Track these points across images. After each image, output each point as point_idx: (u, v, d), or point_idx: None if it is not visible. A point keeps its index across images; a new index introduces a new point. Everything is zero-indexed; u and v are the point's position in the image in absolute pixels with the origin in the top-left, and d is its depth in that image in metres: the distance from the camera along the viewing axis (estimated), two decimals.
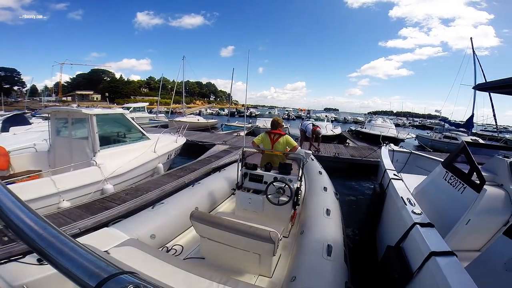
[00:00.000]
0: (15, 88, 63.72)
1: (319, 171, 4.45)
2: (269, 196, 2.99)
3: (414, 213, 2.54)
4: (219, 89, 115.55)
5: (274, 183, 3.04)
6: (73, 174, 4.21)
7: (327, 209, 2.92)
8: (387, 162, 4.58)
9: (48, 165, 4.99)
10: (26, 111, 16.50)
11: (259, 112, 44.38)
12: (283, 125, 4.00)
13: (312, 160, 5.19)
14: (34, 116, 12.79)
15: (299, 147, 5.12)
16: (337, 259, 2.10)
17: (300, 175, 3.23)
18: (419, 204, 2.78)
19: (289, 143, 3.73)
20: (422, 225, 2.31)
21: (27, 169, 4.87)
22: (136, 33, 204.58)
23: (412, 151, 6.14)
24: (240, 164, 3.33)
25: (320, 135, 9.20)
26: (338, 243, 2.34)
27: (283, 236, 2.87)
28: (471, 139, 13.17)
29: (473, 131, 16.83)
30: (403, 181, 3.49)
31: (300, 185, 3.27)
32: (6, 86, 59.28)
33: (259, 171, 3.35)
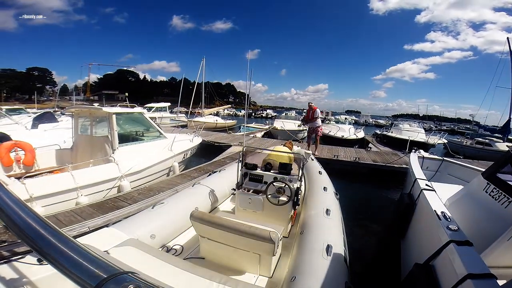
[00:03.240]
0: (47, 87, 67.96)
1: (319, 171, 4.41)
2: (269, 196, 2.98)
3: (450, 229, 2.29)
4: (239, 90, 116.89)
5: (274, 183, 3.04)
6: (91, 170, 4.33)
7: (327, 209, 2.87)
8: (417, 170, 4.27)
9: (71, 162, 5.15)
10: (56, 109, 17.41)
11: (275, 114, 44.09)
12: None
13: (312, 160, 5.16)
14: (63, 114, 13.44)
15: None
16: (337, 259, 2.07)
17: (300, 175, 3.23)
18: (453, 216, 2.54)
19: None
20: (459, 243, 2.08)
21: (51, 165, 5.08)
22: (170, 37, 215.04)
23: (445, 158, 5.71)
24: (240, 164, 3.33)
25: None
26: (338, 243, 2.31)
27: (283, 236, 2.85)
28: (506, 145, 12.19)
29: (510, 137, 15.66)
30: (436, 192, 3.21)
31: (300, 185, 3.26)
32: (39, 85, 63.44)
33: (259, 171, 3.38)
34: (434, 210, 2.65)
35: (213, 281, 1.65)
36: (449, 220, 2.46)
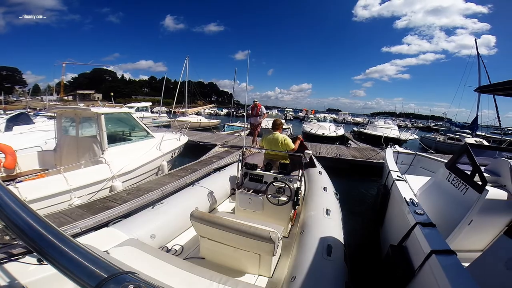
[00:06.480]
0: (17, 87, 63.94)
1: (319, 171, 4.47)
2: (269, 196, 3.00)
3: (416, 213, 2.58)
4: (222, 89, 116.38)
5: (274, 183, 3.06)
6: (83, 171, 4.26)
7: (327, 209, 2.92)
8: (391, 163, 4.62)
9: (54, 163, 5.04)
10: (29, 111, 16.52)
11: None
12: (283, 126, 4.08)
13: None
14: (37, 116, 12.80)
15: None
16: (337, 259, 2.10)
17: (300, 175, 3.25)
18: (422, 205, 2.81)
19: (288, 145, 3.74)
20: (424, 224, 2.36)
21: (33, 168, 4.92)
22: (160, 37, 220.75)
23: (417, 152, 6.14)
24: (240, 164, 3.34)
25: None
26: (338, 243, 2.34)
27: (283, 236, 2.86)
28: (475, 140, 13.16)
29: (482, 133, 16.85)
30: (406, 182, 3.52)
31: (300, 185, 3.27)
32: (7, 85, 59.58)
33: (259, 171, 3.37)
34: (404, 197, 2.95)
35: (213, 281, 1.65)
36: (416, 205, 2.76)
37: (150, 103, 25.03)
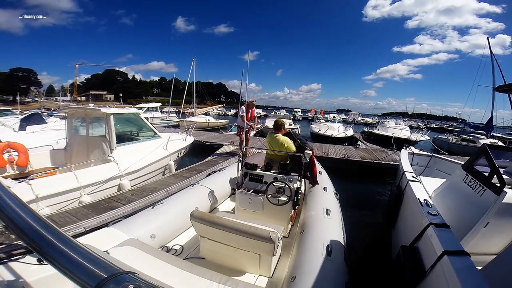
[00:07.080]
0: (32, 88, 66.08)
1: (319, 171, 4.41)
2: (269, 196, 3.00)
3: (430, 214, 2.51)
4: (231, 90, 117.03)
5: (274, 183, 3.05)
6: (93, 169, 4.35)
7: (327, 209, 2.91)
8: (406, 164, 4.52)
9: (65, 162, 5.15)
10: (43, 111, 17.00)
11: (265, 113, 44.21)
12: (285, 126, 3.94)
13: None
14: (51, 116, 13.14)
15: None
16: (337, 259, 2.09)
17: (300, 175, 3.24)
18: (438, 207, 2.73)
19: (289, 148, 3.64)
20: (437, 225, 2.30)
21: (44, 166, 5.06)
22: (172, 39, 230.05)
23: (433, 154, 5.95)
24: (240, 164, 3.34)
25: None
26: (338, 243, 2.33)
27: (283, 236, 2.86)
28: (490, 142, 12.74)
29: (498, 134, 16.30)
30: (421, 183, 3.43)
31: (300, 185, 3.26)
32: (23, 86, 61.68)
33: (259, 171, 3.36)
34: (418, 198, 2.87)
35: (213, 281, 1.65)
36: (430, 206, 2.68)
37: (160, 104, 25.34)
